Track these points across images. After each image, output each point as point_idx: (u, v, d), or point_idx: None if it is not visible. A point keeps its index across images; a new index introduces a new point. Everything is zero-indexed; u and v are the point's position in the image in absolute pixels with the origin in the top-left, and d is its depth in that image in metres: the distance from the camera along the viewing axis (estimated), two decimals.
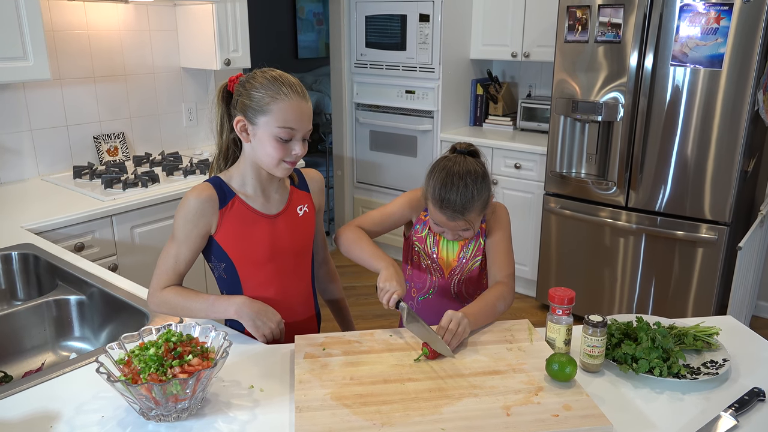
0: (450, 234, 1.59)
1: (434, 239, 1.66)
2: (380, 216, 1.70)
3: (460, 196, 1.49)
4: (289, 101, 1.36)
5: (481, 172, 1.53)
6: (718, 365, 1.31)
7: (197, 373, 1.08)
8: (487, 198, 1.54)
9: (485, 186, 1.53)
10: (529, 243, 3.60)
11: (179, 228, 1.42)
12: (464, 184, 1.49)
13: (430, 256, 1.67)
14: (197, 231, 1.43)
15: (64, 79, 2.73)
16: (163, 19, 3.07)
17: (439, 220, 1.56)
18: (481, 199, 1.52)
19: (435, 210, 1.54)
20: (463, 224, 1.53)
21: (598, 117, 3.02)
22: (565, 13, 3.02)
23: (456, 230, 1.56)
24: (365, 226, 1.67)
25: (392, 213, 1.69)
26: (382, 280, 1.46)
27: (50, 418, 1.15)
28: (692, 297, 3.00)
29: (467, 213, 1.51)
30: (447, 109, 3.87)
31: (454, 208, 1.50)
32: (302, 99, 1.38)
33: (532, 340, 1.40)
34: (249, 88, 1.38)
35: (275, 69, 1.42)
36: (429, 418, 1.12)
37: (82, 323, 1.73)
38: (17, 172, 2.65)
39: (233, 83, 1.43)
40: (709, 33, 2.67)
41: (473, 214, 1.52)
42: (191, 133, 3.33)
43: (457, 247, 1.66)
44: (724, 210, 2.83)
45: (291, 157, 1.40)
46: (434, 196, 1.52)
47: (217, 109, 1.46)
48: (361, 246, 1.59)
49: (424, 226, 1.67)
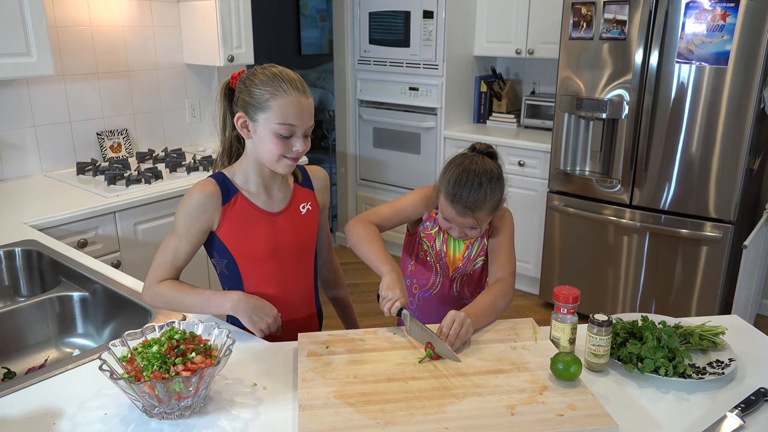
0: (456, 231, 1.58)
1: (443, 237, 1.66)
2: (391, 211, 1.68)
3: (472, 194, 1.49)
4: (288, 97, 1.35)
5: (497, 174, 1.54)
6: (724, 365, 1.30)
7: (200, 370, 1.08)
8: (499, 200, 1.55)
9: (499, 188, 1.54)
10: (532, 241, 3.60)
11: (180, 222, 1.42)
12: (479, 183, 1.50)
13: (438, 253, 1.67)
14: (198, 226, 1.42)
15: (67, 75, 2.73)
16: (167, 15, 3.06)
17: (448, 215, 1.55)
18: (493, 200, 1.52)
19: (446, 204, 1.54)
20: (471, 221, 1.53)
21: (602, 114, 3.01)
22: (570, 10, 3.00)
23: (463, 227, 1.56)
24: (376, 220, 1.66)
25: (404, 209, 1.68)
26: (385, 288, 1.45)
27: (53, 414, 1.14)
28: (696, 296, 2.99)
29: (477, 211, 1.51)
30: (451, 106, 3.86)
31: (465, 204, 1.50)
32: (302, 95, 1.37)
33: (536, 339, 1.40)
34: (249, 85, 1.37)
35: (276, 65, 1.41)
36: (433, 417, 1.12)
37: (85, 320, 1.73)
38: (20, 168, 2.65)
39: (235, 80, 1.42)
40: (715, 30, 2.65)
41: (483, 213, 1.52)
42: (194, 129, 3.32)
43: (462, 246, 1.66)
44: (729, 208, 2.82)
45: (292, 154, 1.39)
46: (447, 190, 1.52)
47: (219, 105, 1.45)
48: (369, 245, 1.57)
49: (435, 223, 1.66)
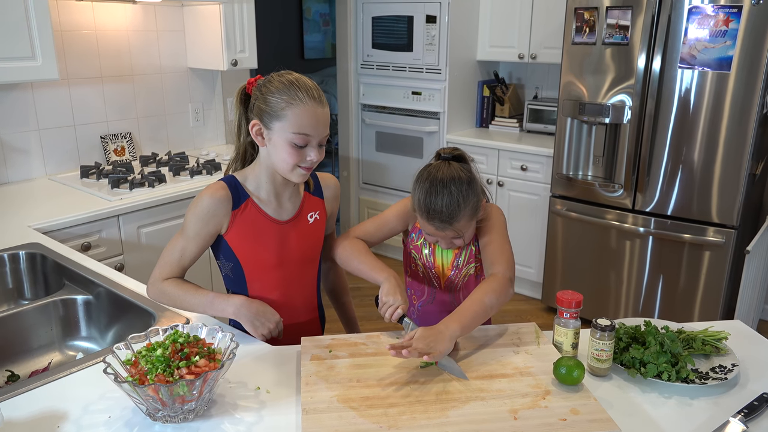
0: (443, 242, 1.54)
1: (430, 248, 1.62)
2: (375, 225, 1.65)
3: (445, 207, 1.42)
4: (304, 107, 1.33)
5: (466, 178, 1.45)
6: (727, 370, 1.30)
7: (204, 374, 1.08)
8: (475, 204, 1.46)
9: (472, 192, 1.45)
10: (535, 245, 3.60)
11: (190, 225, 1.42)
12: (449, 193, 1.42)
13: (426, 264, 1.63)
14: (207, 230, 1.43)
15: (71, 79, 2.74)
16: (171, 19, 3.08)
17: (429, 231, 1.51)
18: (468, 206, 1.45)
19: (423, 221, 1.49)
20: (453, 233, 1.48)
21: (605, 119, 3.01)
22: (573, 15, 3.01)
23: (447, 239, 1.51)
24: (361, 235, 1.63)
25: (388, 221, 1.65)
26: (385, 294, 1.43)
27: (57, 417, 1.15)
28: (699, 300, 2.99)
29: (455, 221, 1.45)
30: (453, 111, 3.87)
31: (441, 218, 1.44)
32: (318, 104, 1.35)
33: (539, 344, 1.40)
34: (265, 93, 1.36)
35: (293, 72, 1.39)
36: (435, 421, 1.12)
37: (89, 323, 1.73)
38: (25, 171, 2.66)
39: (251, 86, 1.41)
40: (718, 35, 2.65)
41: (462, 222, 1.46)
42: (198, 133, 3.33)
43: (451, 255, 1.61)
44: (731, 213, 2.82)
45: (306, 163, 1.38)
46: (420, 207, 1.46)
47: (235, 111, 1.45)
48: (360, 258, 1.54)
49: (420, 234, 1.62)
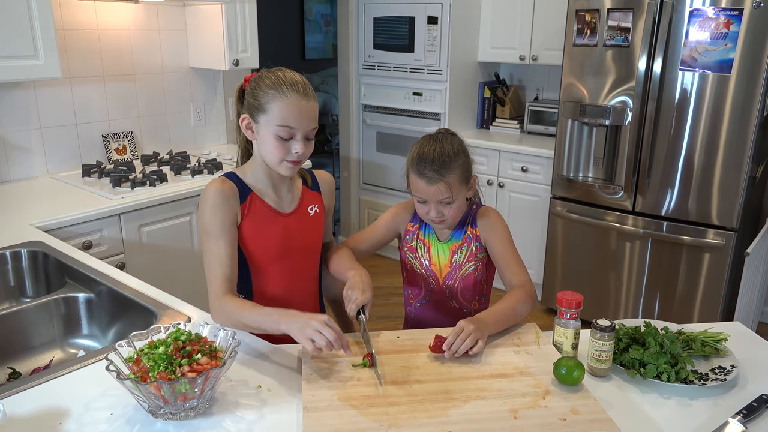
0: (434, 211, 1.54)
1: (425, 247, 1.66)
2: (366, 234, 1.72)
3: (437, 155, 1.50)
4: (287, 99, 1.36)
5: (458, 140, 1.57)
6: (726, 371, 1.30)
7: (206, 372, 1.09)
8: (466, 164, 1.55)
9: (462, 152, 1.55)
10: (535, 246, 3.60)
11: (210, 222, 1.41)
12: (440, 145, 1.52)
13: (422, 264, 1.66)
14: (228, 219, 1.42)
15: (73, 78, 2.74)
16: (173, 19, 3.08)
17: (420, 190, 1.53)
18: (459, 161, 1.52)
19: (415, 178, 1.53)
20: (444, 189, 1.50)
21: (605, 121, 3.02)
22: (574, 17, 3.01)
23: (438, 200, 1.52)
24: (351, 243, 1.69)
25: (378, 227, 1.71)
26: (346, 288, 1.46)
27: (59, 415, 1.15)
28: (699, 302, 2.99)
29: (446, 173, 1.49)
30: (454, 112, 3.87)
31: (432, 167, 1.49)
32: (302, 97, 1.37)
33: (539, 344, 1.40)
34: (254, 88, 1.40)
35: (284, 69, 1.43)
36: (436, 420, 1.12)
37: (90, 321, 1.74)
38: (26, 169, 2.66)
39: (247, 82, 1.45)
40: (719, 38, 2.66)
41: (453, 177, 1.50)
42: (199, 132, 3.34)
43: (448, 252, 1.64)
44: (731, 215, 2.82)
45: (293, 156, 1.40)
46: (413, 161, 1.53)
47: (235, 108, 1.49)
48: (339, 261, 1.60)
49: (414, 236, 1.67)
